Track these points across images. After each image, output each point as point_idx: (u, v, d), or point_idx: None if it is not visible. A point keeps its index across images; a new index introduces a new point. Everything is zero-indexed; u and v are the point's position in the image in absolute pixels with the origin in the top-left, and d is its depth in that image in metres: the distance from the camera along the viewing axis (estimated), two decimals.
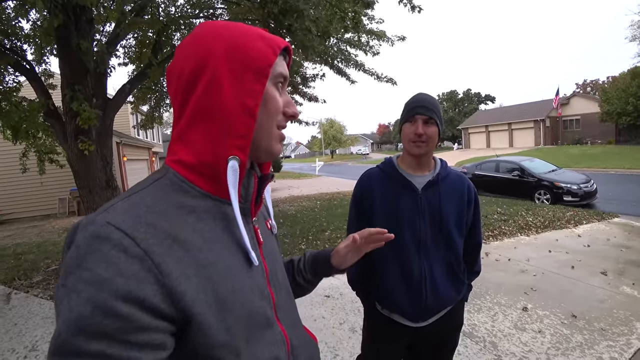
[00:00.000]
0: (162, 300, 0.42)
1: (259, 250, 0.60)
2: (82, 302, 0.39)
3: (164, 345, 0.43)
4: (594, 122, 28.40)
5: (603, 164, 17.07)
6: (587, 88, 49.45)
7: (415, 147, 1.22)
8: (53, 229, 9.10)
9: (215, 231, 0.52)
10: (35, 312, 3.64)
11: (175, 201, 0.50)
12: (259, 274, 0.58)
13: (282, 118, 0.59)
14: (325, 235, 6.04)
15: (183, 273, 0.45)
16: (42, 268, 5.20)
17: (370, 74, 7.39)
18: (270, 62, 0.54)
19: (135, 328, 0.40)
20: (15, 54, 4.19)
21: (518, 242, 5.21)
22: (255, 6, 4.98)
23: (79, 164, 4.21)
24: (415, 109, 1.21)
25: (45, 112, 4.22)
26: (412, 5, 4.75)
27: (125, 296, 0.40)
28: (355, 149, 62.86)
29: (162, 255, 0.43)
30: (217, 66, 0.51)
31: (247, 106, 0.52)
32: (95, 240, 0.41)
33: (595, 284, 3.56)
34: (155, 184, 0.51)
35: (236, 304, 0.51)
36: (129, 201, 0.47)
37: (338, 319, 3.09)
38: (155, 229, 0.45)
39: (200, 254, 0.48)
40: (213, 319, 0.47)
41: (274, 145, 0.58)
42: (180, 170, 0.53)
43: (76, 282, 0.40)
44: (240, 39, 0.53)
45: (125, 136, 13.71)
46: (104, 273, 0.39)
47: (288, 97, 0.60)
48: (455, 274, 1.29)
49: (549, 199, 8.55)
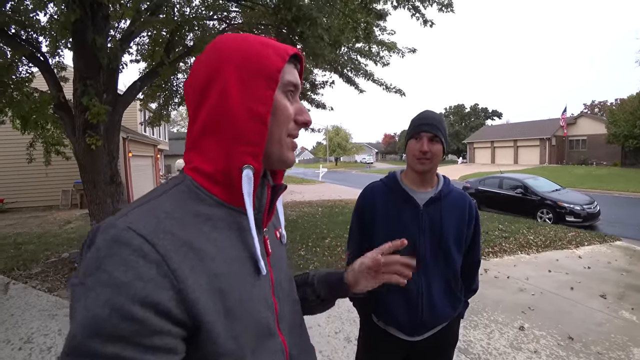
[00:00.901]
0: (176, 305, 0.43)
1: (266, 260, 0.60)
2: (100, 304, 0.39)
3: (176, 349, 0.44)
4: (600, 144, 28.30)
5: (608, 186, 16.97)
6: (594, 109, 49.41)
7: (420, 164, 1.24)
8: (55, 220, 9.15)
9: (229, 240, 0.52)
10: (33, 304, 3.65)
11: (191, 209, 0.51)
12: (265, 284, 0.58)
13: (293, 126, 0.58)
14: (326, 242, 6.03)
15: (196, 281, 0.45)
16: (41, 259, 5.23)
17: (379, 84, 7.43)
18: (278, 68, 0.54)
19: (150, 332, 0.41)
20: (31, 46, 4.26)
21: (518, 260, 5.18)
22: (269, 12, 5.05)
23: (85, 157, 4.25)
24: (421, 126, 1.23)
25: (56, 104, 4.27)
26: (424, 20, 4.80)
27: (142, 300, 0.40)
28: (359, 158, 62.84)
29: (178, 262, 0.44)
30: (226, 75, 0.53)
31: (257, 113, 0.52)
32: (116, 244, 0.42)
33: (594, 306, 3.52)
34: (173, 190, 0.52)
35: (244, 313, 0.51)
36: (148, 206, 0.48)
37: (334, 328, 3.08)
38: (173, 235, 0.46)
39: (213, 263, 0.49)
40: (221, 328, 0.48)
41: (287, 154, 0.58)
42: (197, 177, 0.54)
43: (94, 284, 0.40)
44: (249, 48, 0.54)
45: (132, 132, 13.80)
46: (123, 277, 0.40)
47: (300, 105, 0.60)
48: (452, 291, 1.30)
49: (551, 218, 8.50)
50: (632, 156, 25.37)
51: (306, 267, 4.69)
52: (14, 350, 2.78)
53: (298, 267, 4.69)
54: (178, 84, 8.45)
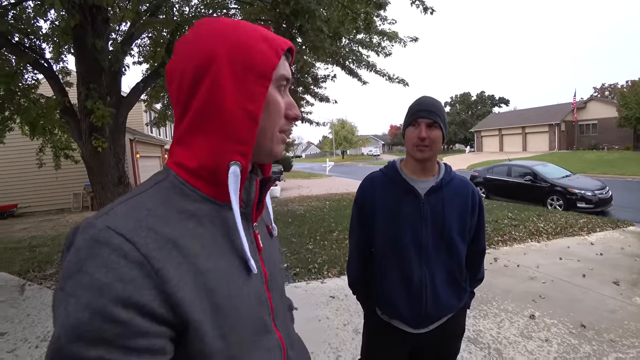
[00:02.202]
0: (160, 305, 0.42)
1: (258, 256, 0.60)
2: (81, 307, 0.38)
3: (164, 350, 0.43)
4: (611, 127, 27.67)
5: (620, 171, 16.61)
6: (605, 92, 48.15)
7: (419, 152, 1.21)
8: (67, 223, 9.33)
9: (214, 237, 0.51)
10: (48, 304, 3.75)
11: (176, 205, 0.49)
12: (258, 280, 0.57)
13: (285, 122, 0.58)
14: (333, 235, 6.04)
15: (182, 279, 0.44)
16: (55, 261, 5.35)
17: (382, 74, 7.37)
18: (273, 65, 0.53)
19: (135, 333, 0.40)
20: (34, 53, 4.32)
21: (528, 248, 5.12)
22: (267, 7, 5.02)
23: (92, 160, 4.31)
24: (418, 112, 1.20)
25: (62, 109, 4.33)
26: (424, 7, 4.72)
27: (124, 301, 0.39)
28: (366, 150, 62.63)
29: (162, 261, 0.43)
30: (219, 68, 0.50)
31: (249, 110, 0.51)
32: (95, 244, 0.41)
33: (606, 293, 3.47)
34: (156, 187, 0.51)
35: (232, 310, 0.50)
36: (129, 204, 0.47)
37: (342, 320, 3.09)
38: (156, 233, 0.44)
39: (198, 260, 0.47)
40: (209, 326, 0.47)
41: (277, 149, 0.58)
42: (181, 173, 0.52)
43: (75, 287, 0.39)
44: (244, 40, 0.52)
45: (139, 133, 13.95)
46: (104, 278, 0.39)
47: (290, 99, 0.58)
48: (456, 281, 1.28)
49: (561, 205, 8.37)
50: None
51: (314, 260, 4.71)
52: (31, 348, 2.86)
53: (306, 261, 4.71)
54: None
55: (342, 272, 4.23)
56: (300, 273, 4.31)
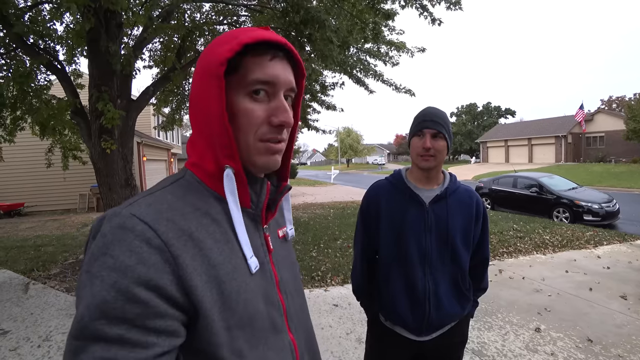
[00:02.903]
0: (177, 290, 0.45)
1: (268, 258, 0.61)
2: (106, 287, 0.41)
3: (178, 332, 0.46)
4: (618, 140, 27.44)
5: (627, 184, 16.43)
6: (612, 104, 47.91)
7: (424, 161, 1.23)
8: (72, 223, 9.40)
9: (226, 234, 0.53)
10: (51, 304, 3.77)
11: (191, 202, 0.52)
12: (266, 280, 0.58)
13: (267, 129, 0.54)
14: (337, 243, 6.02)
15: (195, 269, 0.47)
16: (59, 261, 5.38)
17: (389, 84, 7.40)
18: (221, 60, 0.50)
19: (154, 314, 0.43)
20: (48, 55, 4.41)
21: (534, 260, 5.06)
22: (277, 15, 5.09)
23: (100, 161, 4.36)
24: (424, 122, 1.22)
25: (73, 111, 4.40)
26: (432, 18, 4.76)
27: (146, 283, 0.42)
28: (371, 159, 62.59)
29: (180, 249, 0.46)
30: (195, 80, 0.55)
31: (216, 115, 0.51)
32: (120, 230, 0.44)
33: (614, 308, 3.42)
34: (175, 184, 0.55)
35: (239, 304, 0.51)
36: (151, 197, 0.50)
37: (345, 329, 3.07)
38: (175, 224, 0.47)
39: (211, 253, 0.50)
40: (217, 316, 0.48)
41: (257, 159, 0.55)
42: (196, 172, 0.56)
43: (101, 268, 0.42)
44: (210, 47, 0.53)
45: (146, 136, 14.09)
46: (128, 261, 0.42)
47: (278, 103, 0.54)
48: (460, 290, 1.28)
49: (568, 217, 8.29)
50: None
51: (318, 268, 4.69)
52: (34, 347, 2.87)
53: (310, 269, 4.69)
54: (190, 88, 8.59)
55: (345, 281, 4.21)
56: (304, 280, 4.28)
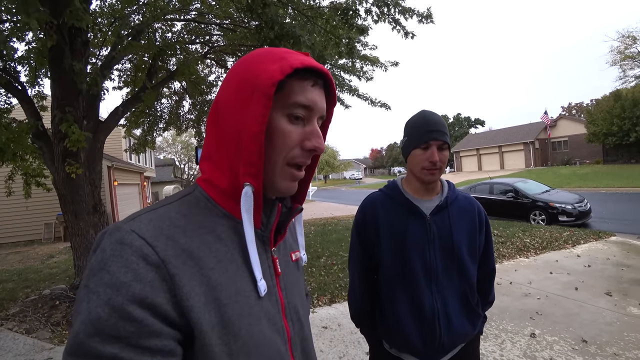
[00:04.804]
0: (172, 309, 0.43)
1: (275, 281, 0.58)
2: (101, 303, 0.40)
3: (174, 352, 0.44)
4: (581, 143, 29.09)
5: (593, 184, 17.32)
6: (572, 110, 51.02)
7: (429, 175, 1.13)
8: (37, 255, 8.74)
9: (231, 254, 0.51)
10: (8, 349, 3.36)
11: (197, 219, 0.51)
12: (271, 304, 0.56)
13: (298, 153, 0.54)
14: (321, 261, 5.85)
15: (193, 289, 0.45)
16: (20, 298, 4.89)
17: (364, 98, 7.48)
18: (272, 81, 0.49)
19: (148, 333, 0.41)
20: (8, 75, 4.14)
21: (518, 264, 5.11)
22: (251, 32, 5.05)
23: (65, 187, 4.06)
24: (430, 133, 1.11)
25: (34, 134, 4.11)
26: (405, 32, 4.86)
27: (140, 301, 0.41)
28: (348, 174, 63.06)
29: (177, 268, 0.45)
30: (230, 92, 0.52)
31: (253, 132, 0.49)
32: (119, 245, 0.43)
33: (601, 305, 3.45)
34: (182, 200, 0.53)
35: (242, 330, 0.49)
36: (154, 213, 0.49)
37: (337, 353, 2.89)
38: (174, 242, 0.46)
39: (212, 273, 0.48)
40: (215, 341, 0.46)
41: (280, 183, 0.54)
42: (208, 189, 0.55)
43: (97, 284, 0.41)
44: (255, 62, 0.52)
45: (117, 160, 13.55)
46: (123, 277, 0.41)
47: (311, 128, 0.54)
48: (470, 306, 1.17)
49: (544, 219, 8.53)
50: (613, 153, 26.04)
51: None
52: None
53: None
54: (162, 109, 8.34)
55: (333, 300, 4.05)
56: None
